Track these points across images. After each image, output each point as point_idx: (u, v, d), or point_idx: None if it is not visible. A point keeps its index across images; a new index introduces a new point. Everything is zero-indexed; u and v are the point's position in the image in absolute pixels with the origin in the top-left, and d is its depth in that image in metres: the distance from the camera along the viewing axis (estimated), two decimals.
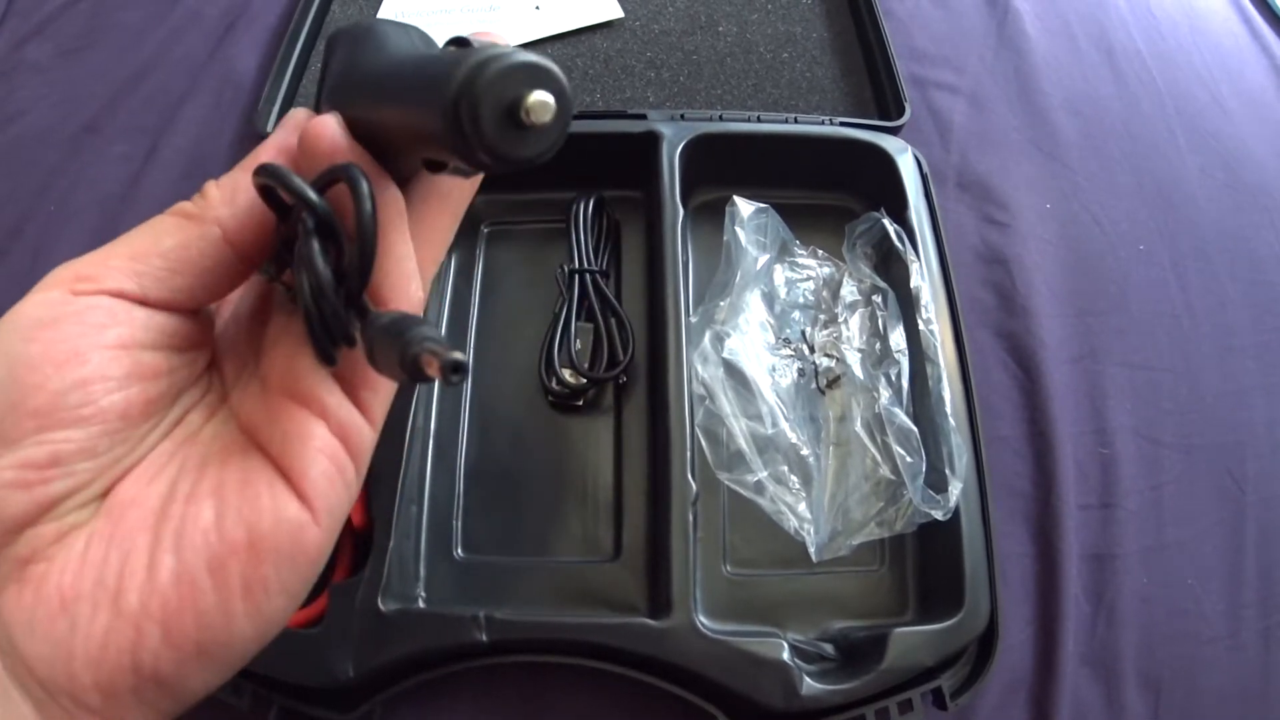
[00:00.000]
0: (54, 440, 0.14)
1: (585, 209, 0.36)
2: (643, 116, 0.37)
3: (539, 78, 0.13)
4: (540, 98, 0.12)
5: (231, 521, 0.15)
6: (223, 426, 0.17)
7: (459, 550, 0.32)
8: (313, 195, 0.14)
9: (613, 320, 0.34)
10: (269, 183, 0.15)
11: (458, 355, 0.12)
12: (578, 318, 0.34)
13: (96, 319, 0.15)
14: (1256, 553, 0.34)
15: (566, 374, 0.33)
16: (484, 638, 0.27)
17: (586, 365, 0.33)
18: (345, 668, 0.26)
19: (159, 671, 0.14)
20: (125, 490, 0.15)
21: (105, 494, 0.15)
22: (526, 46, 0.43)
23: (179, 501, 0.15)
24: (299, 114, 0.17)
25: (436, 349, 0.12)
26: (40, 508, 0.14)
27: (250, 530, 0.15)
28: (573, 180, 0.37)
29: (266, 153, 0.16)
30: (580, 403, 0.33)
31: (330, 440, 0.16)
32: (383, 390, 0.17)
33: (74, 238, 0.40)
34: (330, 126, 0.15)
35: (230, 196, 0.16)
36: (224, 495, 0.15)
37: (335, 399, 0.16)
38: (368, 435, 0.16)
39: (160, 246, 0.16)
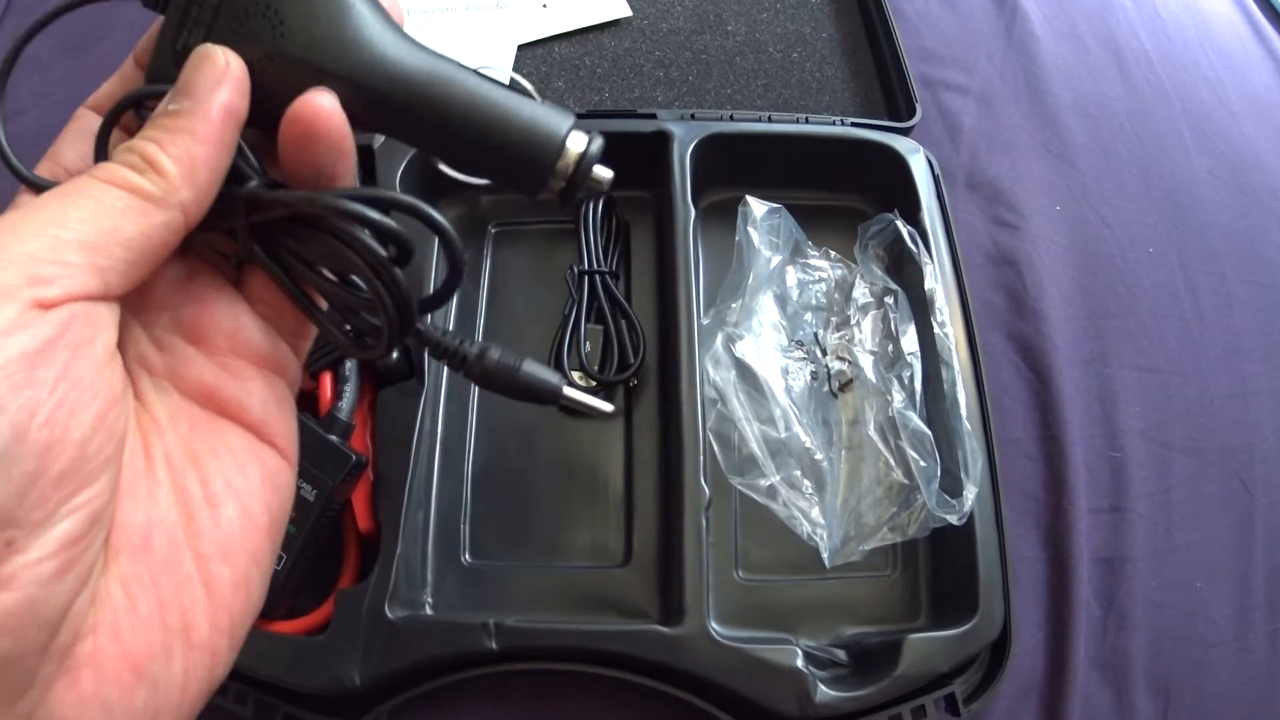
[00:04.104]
0: (87, 501, 0.12)
1: (594, 209, 0.35)
2: (652, 116, 0.36)
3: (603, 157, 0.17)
4: (607, 175, 0.17)
5: (257, 510, 0.15)
6: (170, 401, 0.15)
7: (467, 556, 0.31)
8: (448, 229, 0.15)
9: (623, 322, 0.34)
10: (379, 215, 0.15)
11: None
12: (587, 320, 0.34)
13: (80, 334, 0.13)
14: (1265, 556, 0.34)
15: (576, 377, 0.33)
16: (493, 645, 0.26)
17: (596, 368, 0.33)
18: (352, 675, 0.26)
19: (223, 676, 0.14)
20: (129, 518, 0.13)
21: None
22: (534, 45, 0.43)
23: (199, 508, 0.14)
24: (216, 59, 0.15)
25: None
26: (81, 583, 0.12)
27: (269, 510, 0.15)
28: None
29: (203, 102, 0.14)
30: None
31: (288, 393, 0.16)
32: (310, 335, 0.17)
33: None
34: (336, 115, 0.14)
35: (191, 175, 0.14)
36: (236, 487, 0.15)
37: (288, 356, 0.16)
38: (300, 375, 0.17)
39: (120, 235, 0.13)
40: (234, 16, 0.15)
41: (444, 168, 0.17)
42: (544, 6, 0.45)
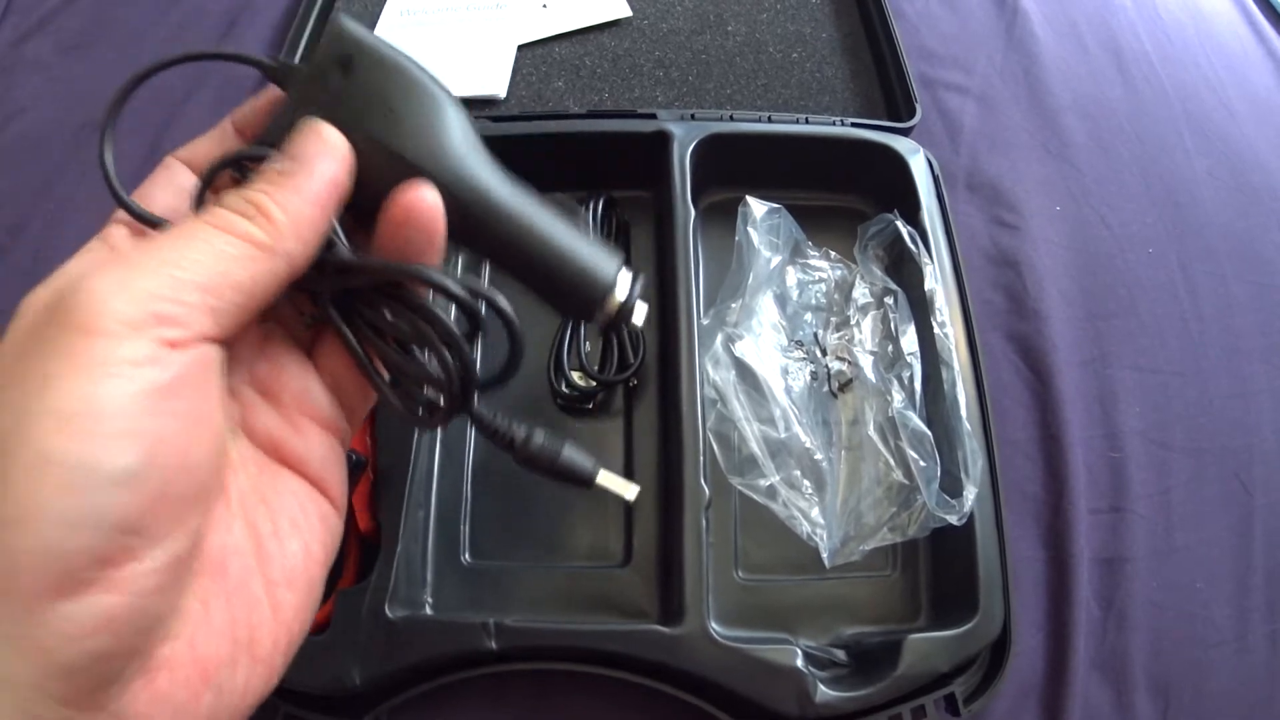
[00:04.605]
0: (195, 524, 0.14)
1: (594, 209, 0.35)
2: (652, 116, 0.36)
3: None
4: (644, 312, 0.19)
5: (315, 548, 0.16)
6: (241, 445, 0.16)
7: (467, 556, 0.31)
8: (509, 313, 0.17)
9: None
10: (467, 299, 0.17)
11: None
12: None
13: (201, 372, 0.14)
14: (1264, 557, 0.34)
15: (576, 377, 0.33)
16: (493, 644, 0.26)
17: (596, 368, 0.33)
18: (352, 675, 0.26)
19: (273, 689, 0.16)
20: (211, 542, 0.15)
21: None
22: (534, 45, 0.44)
23: (269, 540, 0.16)
24: (324, 132, 0.16)
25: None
26: (176, 595, 0.14)
27: (324, 548, 0.17)
28: (581, 180, 0.36)
29: (315, 176, 0.16)
30: (590, 406, 0.33)
31: (343, 453, 0.18)
32: (366, 408, 0.19)
33: (75, 235, 0.39)
34: (437, 209, 0.16)
35: (297, 230, 0.15)
36: (299, 525, 0.16)
37: (344, 422, 0.18)
38: (350, 438, 0.19)
39: (231, 279, 0.14)
40: (353, 103, 0.17)
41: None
42: (544, 6, 0.45)
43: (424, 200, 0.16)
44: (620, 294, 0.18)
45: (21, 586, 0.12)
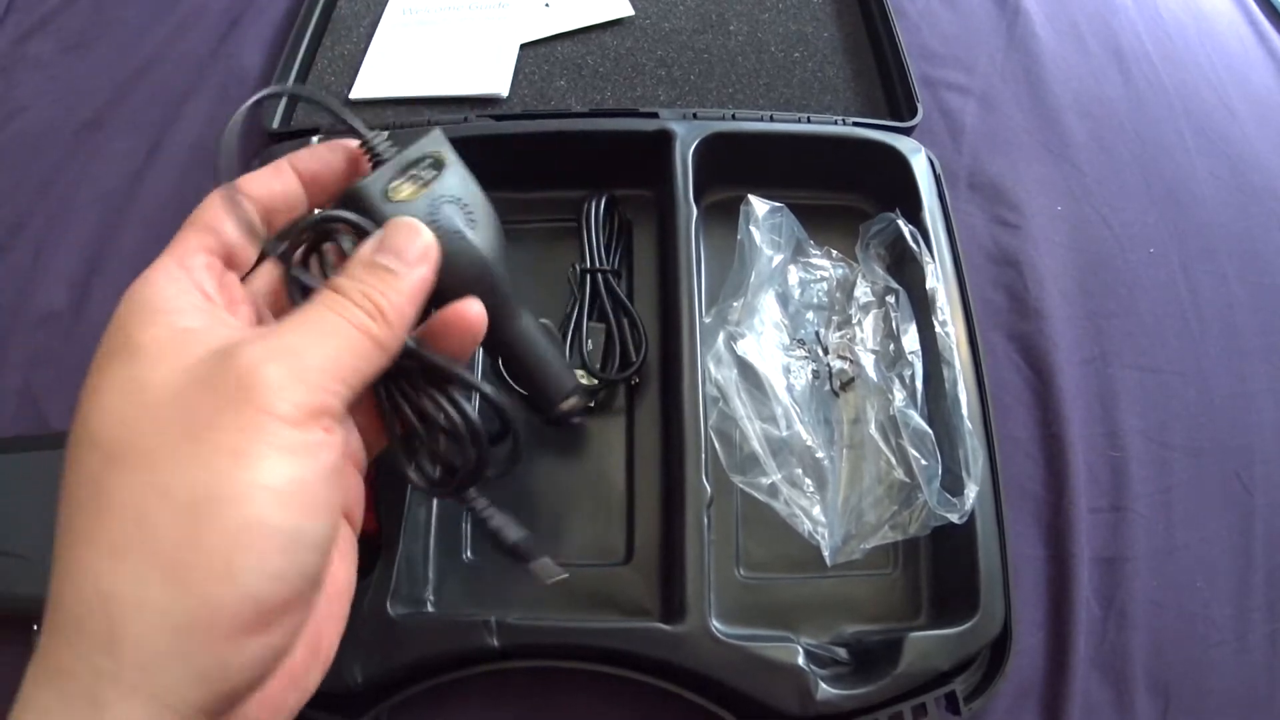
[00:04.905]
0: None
1: (596, 208, 0.35)
2: (654, 115, 0.36)
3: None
4: (580, 404, 0.28)
5: (349, 562, 0.20)
6: None
7: (468, 553, 0.31)
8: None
9: (625, 321, 0.34)
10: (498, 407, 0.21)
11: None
12: (589, 318, 0.34)
13: (347, 449, 0.18)
14: (1264, 556, 0.34)
15: (578, 375, 0.33)
16: (494, 642, 0.26)
17: (598, 366, 0.33)
18: (353, 673, 0.26)
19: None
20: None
21: None
22: (536, 44, 0.44)
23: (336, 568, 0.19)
24: (424, 236, 0.19)
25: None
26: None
27: (350, 563, 0.20)
28: (583, 179, 0.36)
29: (412, 287, 0.18)
30: (592, 404, 0.33)
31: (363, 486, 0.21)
32: (376, 451, 0.22)
33: (76, 234, 0.39)
34: (482, 323, 0.20)
35: (401, 328, 0.18)
36: (343, 550, 0.19)
37: (365, 459, 0.21)
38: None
39: (361, 374, 0.17)
40: (441, 198, 0.20)
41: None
42: (546, 6, 0.45)
43: (475, 315, 0.20)
44: (568, 403, 0.27)
45: (219, 627, 0.14)
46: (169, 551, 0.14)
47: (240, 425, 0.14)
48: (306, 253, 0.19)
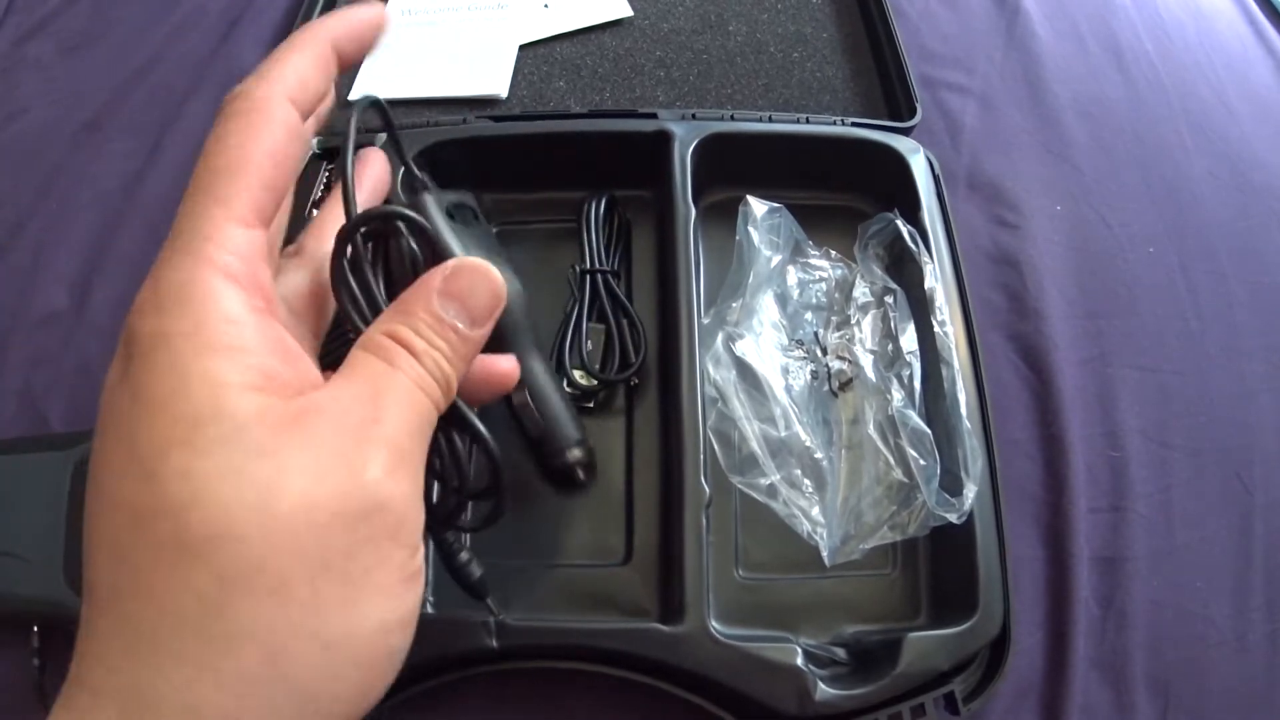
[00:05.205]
0: None
1: (596, 209, 0.35)
2: (653, 116, 0.36)
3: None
4: (584, 458, 0.30)
5: None
6: None
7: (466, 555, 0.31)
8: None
9: (624, 321, 0.34)
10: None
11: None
12: (589, 318, 0.34)
13: None
14: (1264, 556, 0.34)
15: (578, 375, 0.33)
16: (493, 643, 0.26)
17: (598, 367, 0.33)
18: None
19: None
20: None
21: None
22: (536, 45, 0.44)
23: None
24: (500, 290, 0.17)
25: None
26: None
27: None
28: (582, 179, 0.36)
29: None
30: (591, 405, 0.33)
31: None
32: None
33: (76, 235, 0.39)
34: (512, 380, 0.20)
35: (456, 390, 0.17)
36: None
37: None
38: None
39: (424, 440, 0.16)
40: (480, 235, 0.22)
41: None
42: (545, 6, 0.45)
43: (506, 369, 0.19)
44: (573, 455, 0.29)
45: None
46: (305, 684, 0.13)
47: (379, 560, 0.14)
48: (369, 250, 0.18)
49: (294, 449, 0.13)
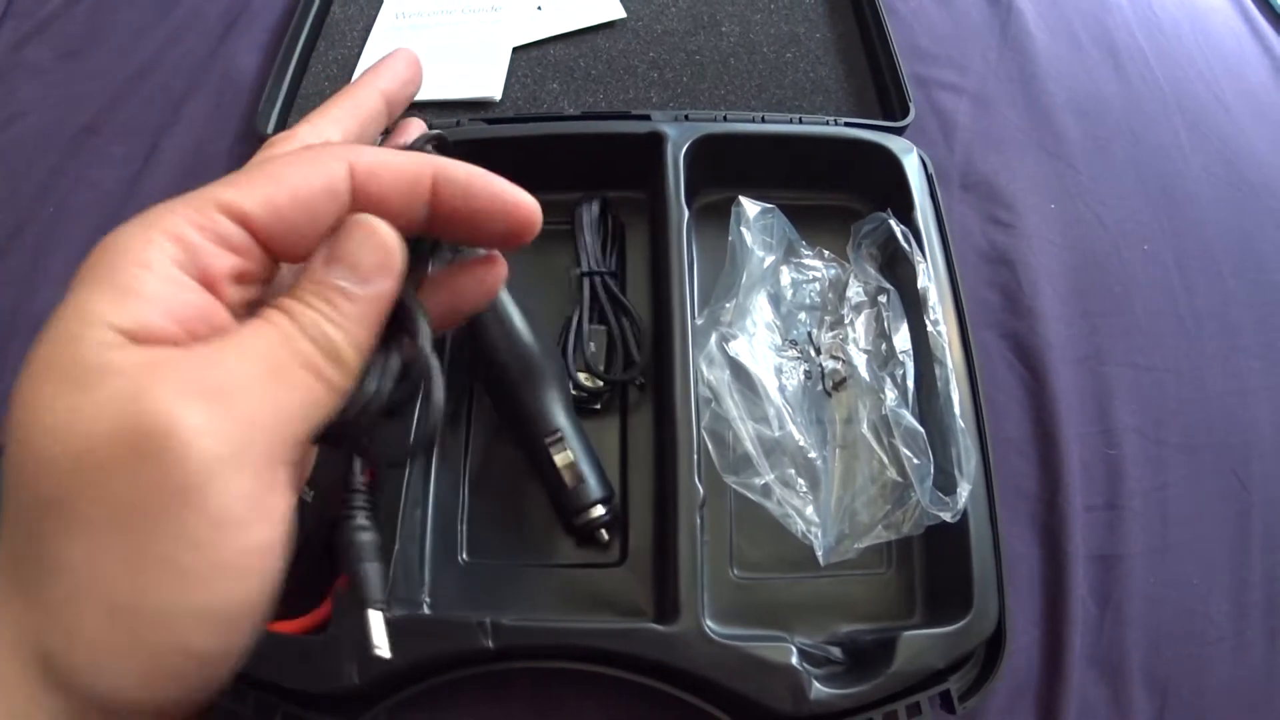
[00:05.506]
0: None
1: (591, 211, 0.35)
2: (646, 117, 0.36)
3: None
4: (609, 516, 0.31)
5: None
6: None
7: (464, 555, 0.31)
8: None
9: (625, 321, 0.34)
10: None
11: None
12: (590, 320, 0.34)
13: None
14: (1261, 553, 0.34)
15: (583, 378, 0.33)
16: (490, 643, 0.26)
17: (601, 368, 0.33)
18: (350, 674, 0.26)
19: None
20: None
21: None
22: (529, 47, 0.44)
23: None
24: (388, 253, 0.16)
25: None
26: None
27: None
28: (575, 181, 0.37)
29: None
30: (598, 406, 0.33)
31: None
32: None
33: (74, 239, 0.39)
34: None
35: (357, 363, 0.16)
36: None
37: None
38: None
39: (313, 425, 0.16)
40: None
41: None
42: (539, 9, 0.46)
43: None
44: (594, 513, 0.30)
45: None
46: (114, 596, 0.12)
47: (181, 533, 0.12)
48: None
49: (112, 390, 0.12)
